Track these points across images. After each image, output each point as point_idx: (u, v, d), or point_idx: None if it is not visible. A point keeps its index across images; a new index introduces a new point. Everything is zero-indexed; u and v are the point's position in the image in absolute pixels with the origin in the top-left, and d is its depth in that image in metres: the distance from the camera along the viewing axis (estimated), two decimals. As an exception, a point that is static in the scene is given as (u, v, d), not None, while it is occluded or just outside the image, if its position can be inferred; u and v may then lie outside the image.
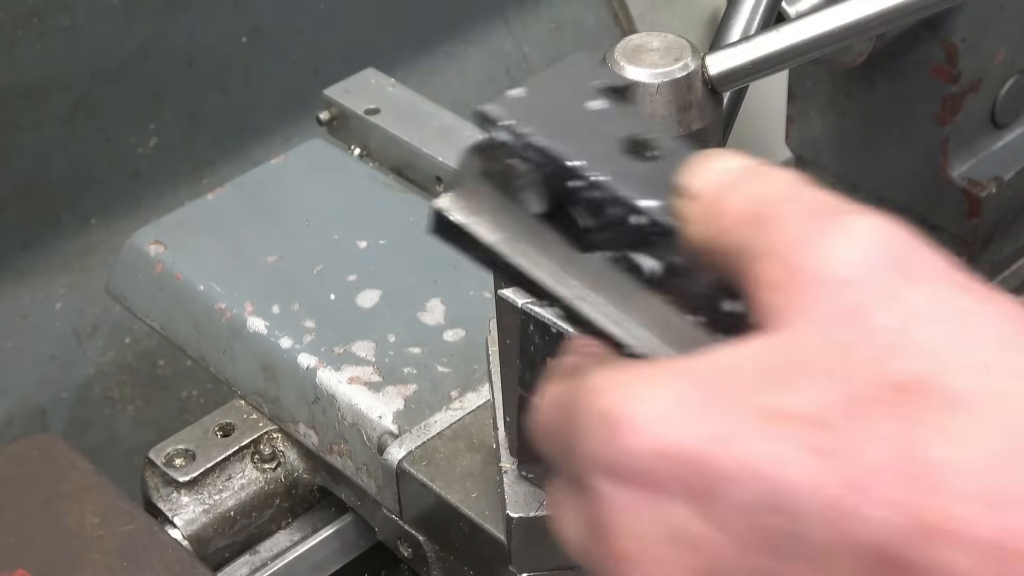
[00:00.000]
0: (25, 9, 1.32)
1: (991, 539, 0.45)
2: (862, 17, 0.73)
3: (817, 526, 0.47)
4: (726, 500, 0.49)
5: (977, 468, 0.46)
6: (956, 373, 0.47)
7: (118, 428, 1.43)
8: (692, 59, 0.74)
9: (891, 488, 0.46)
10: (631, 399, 0.51)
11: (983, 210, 1.19)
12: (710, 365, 0.51)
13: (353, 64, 1.23)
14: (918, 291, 0.49)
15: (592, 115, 0.63)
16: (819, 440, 0.47)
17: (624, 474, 0.51)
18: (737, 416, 0.49)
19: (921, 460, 0.46)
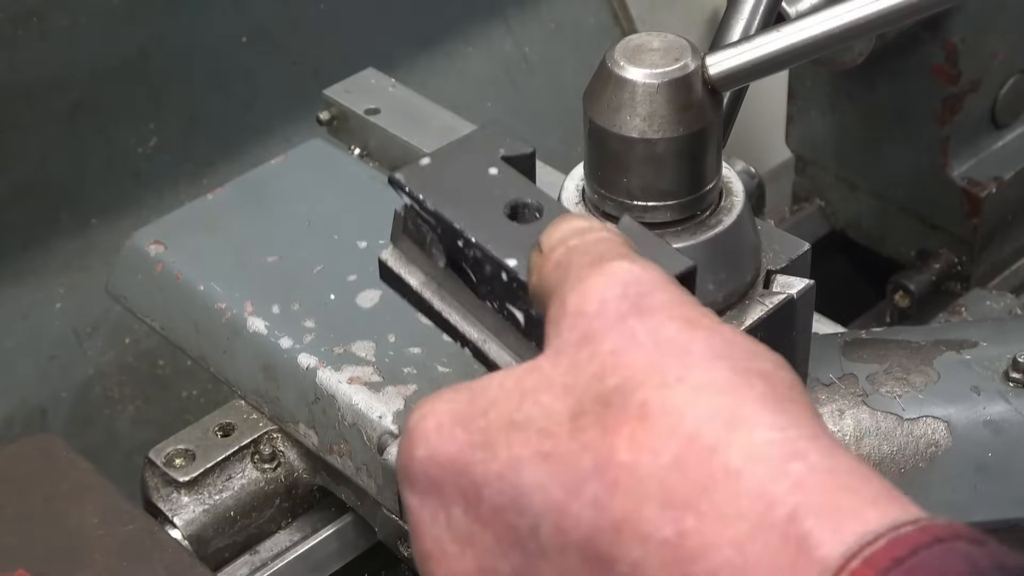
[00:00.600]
0: (25, 9, 1.32)
1: (664, 536, 0.52)
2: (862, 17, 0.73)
3: (547, 525, 0.55)
4: (485, 501, 0.56)
5: (655, 472, 0.52)
6: (650, 389, 0.54)
7: (118, 428, 1.43)
8: (692, 59, 0.74)
9: (592, 490, 0.53)
10: (423, 415, 0.59)
11: (983, 210, 1.19)
12: (485, 385, 0.59)
13: (353, 64, 1.23)
14: (642, 322, 0.57)
15: (488, 180, 0.71)
16: (546, 447, 0.55)
17: (415, 481, 0.59)
18: (494, 426, 0.57)
19: (614, 465, 0.53)
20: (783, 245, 0.82)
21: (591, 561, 0.54)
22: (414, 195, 0.73)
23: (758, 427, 0.53)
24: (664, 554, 0.52)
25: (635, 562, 0.52)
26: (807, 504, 0.51)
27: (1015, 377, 0.88)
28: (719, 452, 0.53)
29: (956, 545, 0.50)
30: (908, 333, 0.94)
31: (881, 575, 0.49)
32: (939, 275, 1.22)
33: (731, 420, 0.53)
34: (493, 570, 0.57)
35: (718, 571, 0.51)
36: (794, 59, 0.75)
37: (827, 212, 1.30)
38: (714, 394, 0.54)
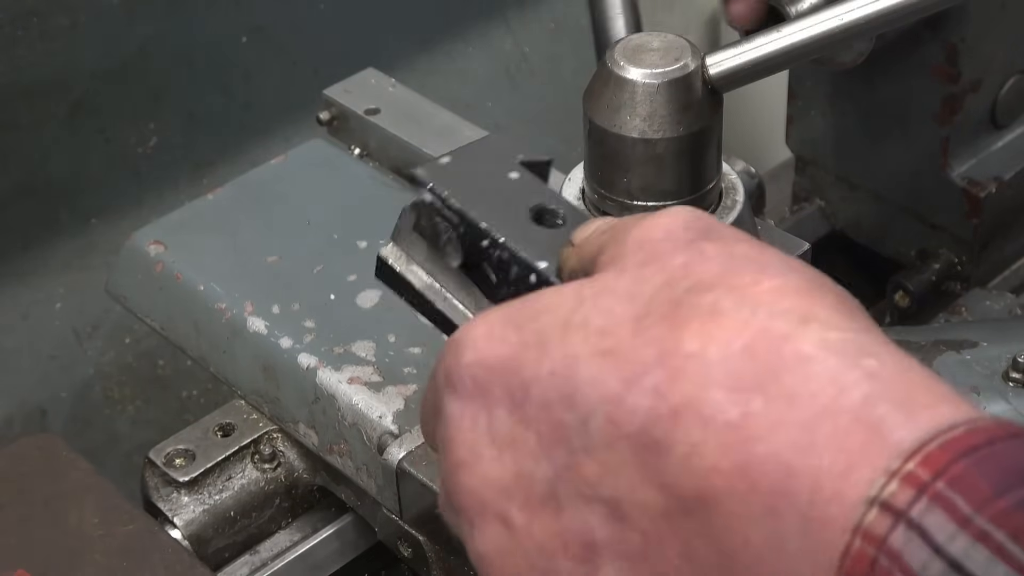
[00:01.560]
0: (25, 9, 1.32)
1: (728, 417, 0.51)
2: (862, 17, 0.73)
3: (599, 417, 0.53)
4: (533, 399, 0.55)
5: (724, 359, 0.52)
6: (723, 290, 0.54)
7: (118, 428, 1.43)
8: (692, 59, 0.74)
9: (653, 379, 0.52)
10: (471, 324, 0.59)
11: (983, 210, 1.19)
12: (539, 294, 0.59)
13: (353, 64, 1.23)
14: (710, 243, 0.57)
15: (510, 184, 0.71)
16: (605, 344, 0.54)
17: (460, 385, 0.58)
18: (547, 328, 0.56)
19: (680, 355, 0.52)
20: (783, 245, 0.82)
21: (643, 451, 0.52)
22: (438, 192, 0.71)
23: (832, 326, 0.52)
24: (726, 436, 0.50)
25: (693, 445, 0.51)
26: (880, 392, 0.50)
27: (1015, 377, 0.88)
28: (792, 340, 0.52)
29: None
30: (908, 333, 0.94)
31: (958, 459, 0.48)
32: (939, 275, 1.22)
33: (805, 317, 0.52)
34: (530, 474, 0.56)
35: (781, 451, 0.50)
36: (794, 59, 0.75)
37: (827, 212, 1.30)
38: (789, 295, 0.53)
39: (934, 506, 0.47)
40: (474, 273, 0.72)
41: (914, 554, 0.47)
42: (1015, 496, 0.47)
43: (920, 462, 0.48)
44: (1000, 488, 0.47)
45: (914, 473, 0.48)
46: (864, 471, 0.49)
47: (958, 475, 0.48)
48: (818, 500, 0.49)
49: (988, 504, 0.47)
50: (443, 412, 0.59)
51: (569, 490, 0.55)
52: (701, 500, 0.51)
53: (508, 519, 0.57)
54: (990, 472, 0.48)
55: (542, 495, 0.56)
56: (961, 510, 0.47)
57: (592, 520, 0.54)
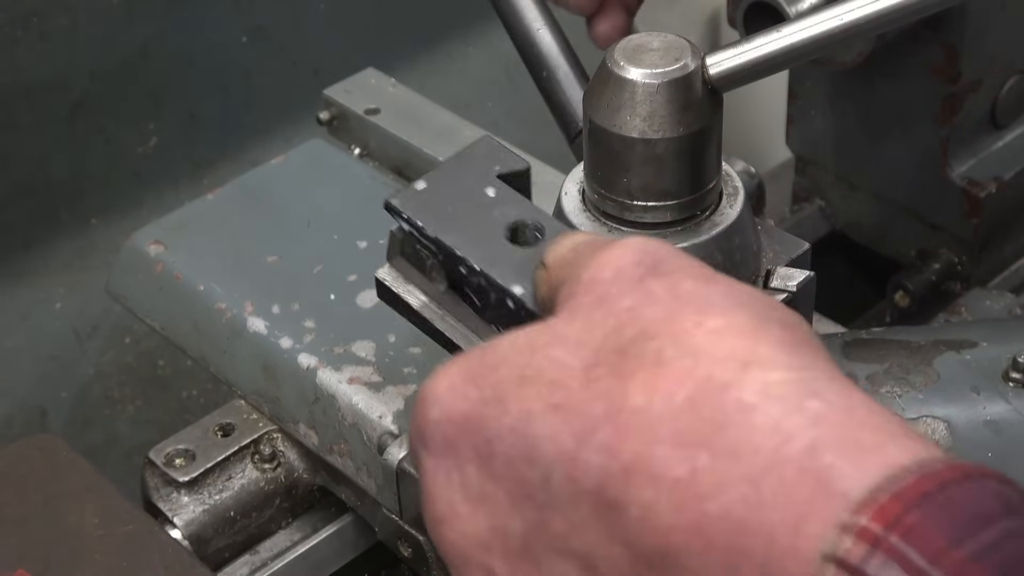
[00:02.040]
0: (25, 9, 1.32)
1: (677, 475, 0.50)
2: (862, 17, 0.73)
3: (558, 475, 0.54)
4: (497, 456, 0.56)
5: (668, 413, 0.51)
6: (667, 336, 0.53)
7: (118, 428, 1.43)
8: (692, 59, 0.74)
9: (602, 436, 0.52)
10: (434, 377, 0.59)
11: (983, 210, 1.19)
12: (496, 344, 0.59)
13: (353, 64, 1.23)
14: (658, 281, 0.56)
15: (486, 202, 0.71)
16: (558, 398, 0.54)
17: (431, 442, 0.58)
18: (505, 381, 0.56)
19: (626, 409, 0.52)
20: (783, 245, 0.82)
21: (602, 510, 0.53)
22: (412, 222, 0.72)
23: (774, 368, 0.52)
24: (676, 494, 0.50)
25: (646, 505, 0.51)
26: (825, 438, 0.49)
27: (1015, 377, 0.88)
28: (733, 389, 0.51)
29: (986, 483, 0.48)
30: (908, 333, 0.94)
31: (910, 509, 0.47)
32: (939, 275, 1.22)
33: (747, 361, 0.52)
34: (504, 529, 0.56)
35: (732, 507, 0.49)
36: (794, 59, 0.75)
37: (827, 212, 1.30)
38: (731, 337, 0.53)
39: (890, 562, 0.47)
40: (463, 294, 0.73)
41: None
42: (970, 547, 0.46)
43: (873, 515, 0.48)
44: (954, 539, 0.47)
45: (867, 528, 0.48)
46: (815, 526, 0.48)
47: (911, 527, 0.47)
48: (774, 556, 0.49)
49: (944, 555, 0.46)
50: (420, 467, 0.60)
51: (542, 545, 0.55)
52: (663, 557, 0.51)
53: (491, 571, 0.58)
54: (943, 522, 0.47)
55: (518, 549, 0.56)
56: (917, 563, 0.46)
57: (569, 573, 0.55)
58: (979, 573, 0.46)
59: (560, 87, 0.89)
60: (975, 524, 0.47)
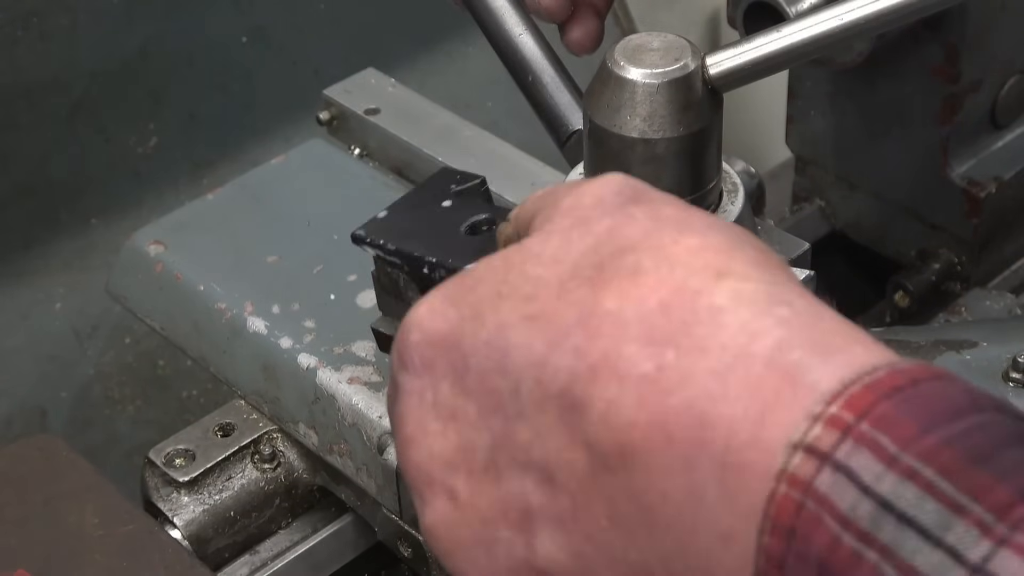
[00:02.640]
0: (25, 9, 1.32)
1: (643, 371, 0.51)
2: (862, 17, 0.73)
3: (527, 381, 0.54)
4: (471, 370, 0.56)
5: (639, 315, 0.52)
6: (644, 249, 0.54)
7: (118, 428, 1.43)
8: (692, 59, 0.74)
9: (574, 339, 0.53)
10: (415, 307, 0.59)
11: (983, 210, 1.19)
12: (472, 269, 0.59)
13: (353, 64, 1.23)
14: (638, 207, 0.57)
15: (443, 213, 0.74)
16: (532, 309, 0.55)
17: (409, 364, 0.59)
18: (482, 301, 0.57)
19: (598, 314, 0.53)
20: (783, 245, 0.82)
21: (567, 411, 0.53)
22: (375, 242, 0.75)
23: (747, 279, 0.53)
24: (641, 389, 0.51)
25: (610, 401, 0.51)
26: (794, 338, 0.50)
27: (1015, 377, 0.88)
28: (705, 294, 0.52)
29: (956, 382, 0.49)
30: (908, 333, 0.94)
31: (881, 400, 0.47)
32: (939, 275, 1.22)
33: (721, 272, 0.53)
34: (471, 445, 0.57)
35: (695, 401, 0.50)
36: (794, 59, 0.75)
37: (827, 212, 1.30)
38: (707, 252, 0.54)
39: (860, 447, 0.47)
40: None
41: (842, 496, 0.47)
42: (942, 433, 0.46)
43: (843, 404, 0.48)
44: (926, 426, 0.47)
45: (838, 416, 0.48)
46: (781, 416, 0.48)
47: (883, 415, 0.47)
48: (734, 447, 0.49)
49: (915, 442, 0.46)
50: (397, 391, 0.60)
51: (506, 458, 0.56)
52: (621, 456, 0.51)
53: (453, 491, 0.58)
54: (915, 411, 0.47)
55: (483, 465, 0.57)
56: (888, 449, 0.46)
57: (527, 486, 0.55)
58: (949, 456, 0.46)
59: (547, 91, 0.89)
60: (946, 415, 0.47)
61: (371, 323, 0.81)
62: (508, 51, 0.92)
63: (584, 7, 0.96)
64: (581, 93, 0.90)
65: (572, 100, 0.89)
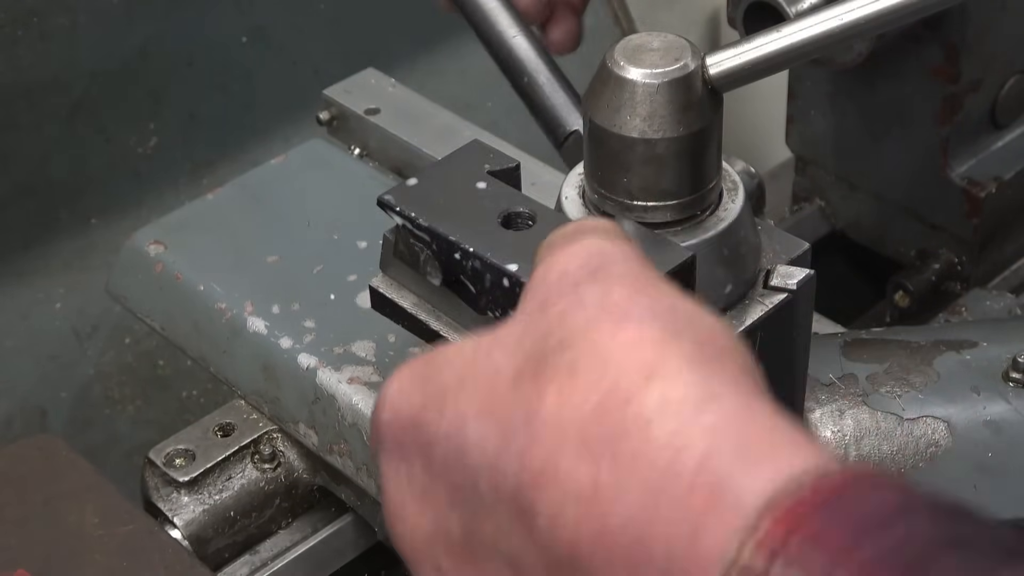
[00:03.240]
0: (25, 9, 1.32)
1: (580, 485, 0.51)
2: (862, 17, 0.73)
3: (483, 480, 0.55)
4: (437, 459, 0.57)
5: (575, 422, 0.53)
6: (581, 346, 0.54)
7: (118, 428, 1.43)
8: (692, 59, 0.74)
9: (518, 443, 0.54)
10: (387, 383, 0.60)
11: (983, 210, 1.19)
12: (443, 349, 0.60)
13: (353, 64, 1.23)
14: (592, 287, 0.57)
15: (477, 194, 0.73)
16: (487, 404, 0.55)
17: (383, 442, 0.60)
18: (446, 387, 0.58)
19: (539, 418, 0.53)
20: (783, 245, 0.82)
21: (517, 515, 0.54)
22: (406, 214, 0.73)
23: (676, 383, 0.52)
24: (580, 505, 0.52)
25: (553, 514, 0.52)
26: (719, 449, 0.50)
27: (1015, 377, 0.88)
28: (634, 402, 0.52)
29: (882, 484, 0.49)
30: (908, 333, 0.94)
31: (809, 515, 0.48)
32: (939, 275, 1.22)
33: (651, 374, 0.53)
34: (446, 527, 0.58)
35: (631, 521, 0.50)
36: (794, 59, 0.75)
37: (827, 212, 1.30)
38: (642, 347, 0.54)
39: (789, 568, 0.47)
40: (457, 287, 0.73)
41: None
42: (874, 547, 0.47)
43: (772, 522, 0.48)
44: (858, 538, 0.47)
45: (768, 535, 0.48)
46: (712, 536, 0.49)
47: (811, 532, 0.47)
48: (675, 567, 0.49)
49: (847, 556, 0.47)
50: (378, 467, 0.62)
51: (476, 543, 0.57)
52: (571, 563, 0.52)
53: (439, 567, 0.59)
54: (844, 524, 0.47)
55: (459, 546, 0.58)
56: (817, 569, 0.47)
57: (502, 572, 0.56)
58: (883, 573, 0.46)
59: (543, 92, 0.89)
60: (876, 525, 0.47)
61: (370, 281, 0.79)
62: (502, 53, 0.92)
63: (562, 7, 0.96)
64: (577, 93, 0.90)
65: (568, 101, 0.89)
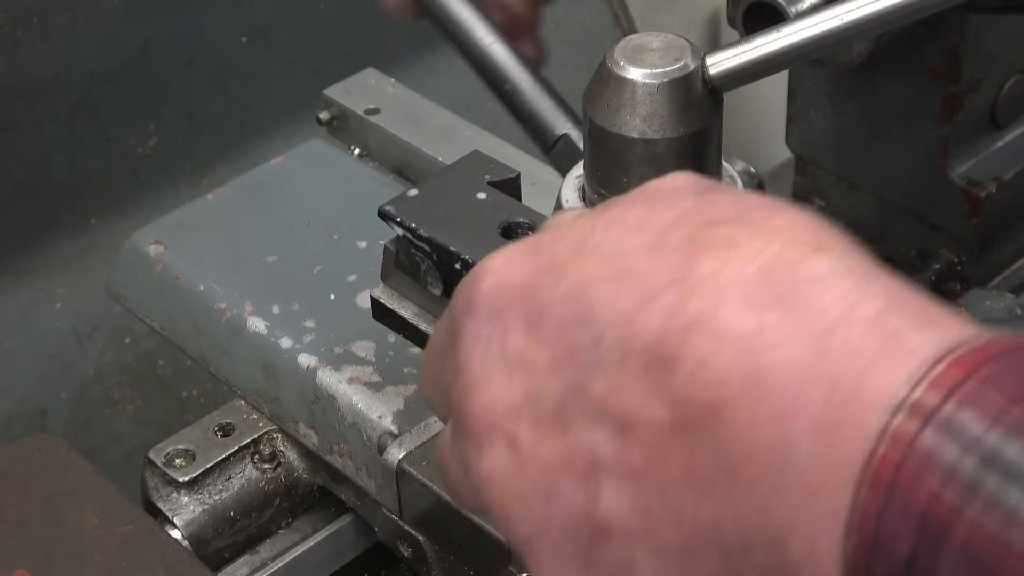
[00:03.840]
0: (25, 9, 1.32)
1: (741, 329, 0.51)
2: (862, 17, 0.73)
3: (611, 335, 0.55)
4: (547, 321, 0.57)
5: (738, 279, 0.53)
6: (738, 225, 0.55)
7: (118, 428, 1.43)
8: (692, 59, 0.74)
9: (667, 298, 0.54)
10: (489, 257, 0.60)
11: (983, 210, 1.19)
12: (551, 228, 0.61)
13: (353, 64, 1.23)
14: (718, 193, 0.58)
15: (477, 204, 0.74)
16: (617, 268, 0.56)
17: (477, 310, 0.60)
18: (564, 252, 0.58)
19: (694, 277, 0.54)
20: (783, 245, 0.82)
21: (653, 366, 0.53)
22: (406, 224, 0.74)
23: (843, 255, 0.53)
24: (738, 346, 0.51)
25: (702, 357, 0.52)
26: (894, 308, 0.51)
27: (1015, 377, 0.88)
28: (805, 263, 0.53)
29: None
30: (908, 333, 0.93)
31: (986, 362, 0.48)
32: (939, 275, 1.22)
33: (819, 246, 0.54)
34: (538, 393, 0.57)
35: (794, 358, 0.50)
36: (794, 59, 0.75)
37: (827, 212, 1.30)
38: (802, 229, 0.55)
39: (964, 405, 0.47)
40: None
41: (944, 452, 0.47)
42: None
43: (948, 365, 0.48)
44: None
45: (943, 376, 0.48)
46: (883, 375, 0.49)
47: (987, 376, 0.48)
48: (832, 404, 0.49)
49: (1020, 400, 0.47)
50: (459, 337, 0.60)
51: (576, 408, 0.56)
52: (708, 412, 0.51)
53: (515, 440, 0.57)
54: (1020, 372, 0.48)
55: (549, 414, 0.56)
56: (992, 407, 0.47)
57: (597, 438, 0.55)
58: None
59: (527, 98, 0.88)
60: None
61: (371, 291, 0.80)
62: (481, 61, 0.91)
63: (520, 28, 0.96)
64: (561, 97, 0.90)
65: (553, 105, 0.88)
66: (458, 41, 0.91)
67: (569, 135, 0.85)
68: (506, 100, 0.89)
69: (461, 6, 0.92)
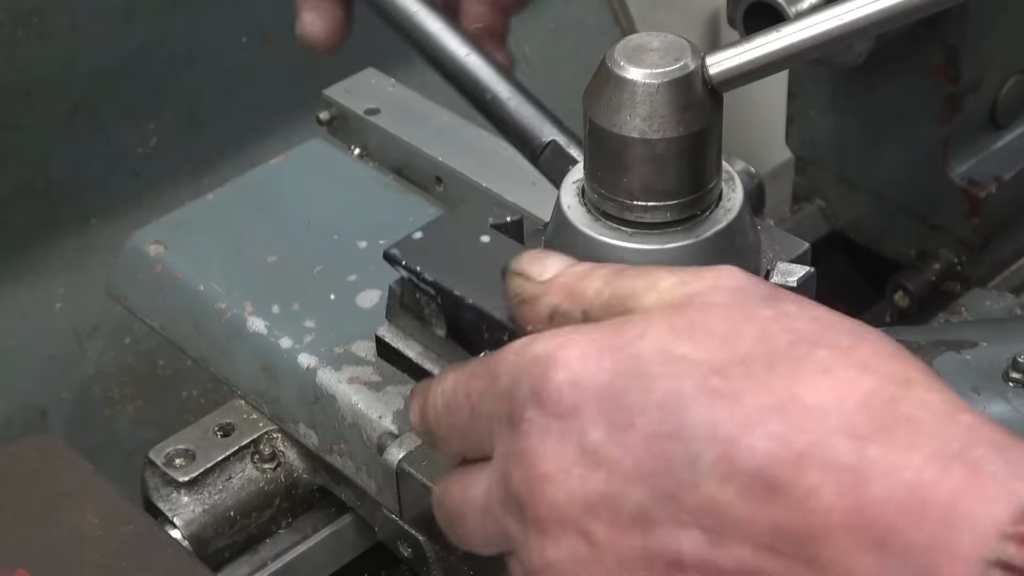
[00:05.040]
0: (25, 9, 1.32)
1: (847, 461, 0.55)
2: (862, 17, 0.73)
3: (710, 455, 0.57)
4: (637, 428, 0.58)
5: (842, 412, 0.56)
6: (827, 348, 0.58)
7: (118, 428, 1.43)
8: (692, 59, 0.74)
9: (773, 425, 0.56)
10: (559, 344, 0.61)
11: (983, 210, 1.19)
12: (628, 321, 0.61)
13: (353, 64, 1.23)
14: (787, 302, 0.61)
15: (481, 248, 0.75)
16: (714, 383, 0.58)
17: (549, 402, 0.60)
18: (647, 356, 0.59)
19: (798, 406, 0.56)
20: (783, 245, 0.82)
21: (755, 490, 0.56)
22: (411, 267, 0.75)
23: (928, 389, 0.57)
24: (843, 478, 0.55)
25: (811, 488, 0.55)
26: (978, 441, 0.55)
27: (1015, 377, 0.88)
28: (898, 402, 0.56)
29: None
30: (908, 333, 0.94)
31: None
32: (939, 275, 1.22)
33: (907, 379, 0.57)
34: (620, 495, 0.59)
35: (894, 492, 0.54)
36: (794, 59, 0.75)
37: (827, 212, 1.30)
38: (887, 359, 0.58)
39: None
40: (461, 338, 0.75)
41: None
42: None
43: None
44: None
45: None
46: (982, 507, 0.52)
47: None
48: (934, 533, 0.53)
49: None
50: (522, 424, 0.61)
51: (665, 514, 0.58)
52: (811, 537, 0.55)
53: (589, 533, 0.60)
54: None
55: (630, 515, 0.59)
56: None
57: (685, 543, 0.58)
58: None
59: (508, 107, 0.88)
60: None
61: (376, 330, 0.82)
62: (458, 73, 0.90)
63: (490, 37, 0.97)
64: (542, 105, 0.89)
65: (537, 112, 0.87)
66: (432, 55, 0.90)
67: (557, 141, 0.85)
68: (487, 111, 0.88)
69: (430, 19, 0.91)
